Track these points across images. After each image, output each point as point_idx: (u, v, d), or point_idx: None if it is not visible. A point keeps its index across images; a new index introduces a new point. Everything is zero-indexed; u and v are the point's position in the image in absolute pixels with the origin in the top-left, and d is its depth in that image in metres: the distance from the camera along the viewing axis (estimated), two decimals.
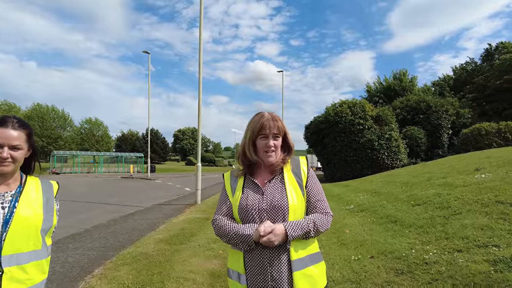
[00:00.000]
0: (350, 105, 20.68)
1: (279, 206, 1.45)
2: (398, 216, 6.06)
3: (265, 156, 1.53)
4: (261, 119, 1.54)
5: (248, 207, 1.48)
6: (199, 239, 5.98)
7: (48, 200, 1.49)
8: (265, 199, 1.48)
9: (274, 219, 1.45)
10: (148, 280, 3.93)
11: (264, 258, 1.43)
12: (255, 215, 1.46)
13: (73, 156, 44.43)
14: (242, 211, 1.49)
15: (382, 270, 3.73)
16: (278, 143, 1.54)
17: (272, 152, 1.52)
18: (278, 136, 1.54)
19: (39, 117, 53.60)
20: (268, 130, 1.51)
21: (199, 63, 12.08)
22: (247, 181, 1.58)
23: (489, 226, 4.20)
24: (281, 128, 1.54)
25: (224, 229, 1.50)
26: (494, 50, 36.43)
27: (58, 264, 4.74)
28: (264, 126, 1.52)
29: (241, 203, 1.50)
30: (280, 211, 1.45)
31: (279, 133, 1.53)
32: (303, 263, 1.43)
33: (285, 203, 1.45)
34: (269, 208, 1.46)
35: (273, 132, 1.52)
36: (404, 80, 38.17)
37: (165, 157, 73.35)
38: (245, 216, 1.48)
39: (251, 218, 1.47)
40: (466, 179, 7.32)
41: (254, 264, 1.45)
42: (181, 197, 14.02)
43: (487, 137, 19.24)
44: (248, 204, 1.49)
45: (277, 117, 1.56)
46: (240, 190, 1.56)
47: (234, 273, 1.53)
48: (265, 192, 1.50)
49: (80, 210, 10.05)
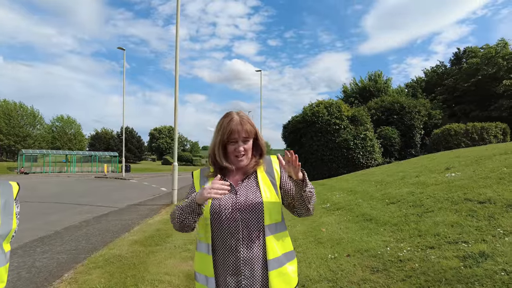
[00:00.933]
0: (326, 105, 20.98)
1: (253, 204, 1.43)
2: (373, 214, 6.18)
3: (235, 161, 1.52)
4: (230, 124, 1.48)
5: (222, 206, 1.43)
6: (175, 240, 5.87)
7: (6, 202, 1.39)
8: (239, 198, 1.45)
9: (249, 218, 1.42)
10: (122, 284, 3.80)
11: (238, 258, 1.40)
12: (228, 214, 1.42)
13: (43, 155, 42.64)
14: (215, 211, 1.44)
15: (358, 268, 3.78)
16: (248, 146, 1.52)
17: (242, 156, 1.51)
18: (247, 139, 1.52)
19: (5, 114, 51.00)
20: (237, 135, 1.48)
21: (176, 60, 11.87)
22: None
23: (458, 223, 4.35)
24: (250, 130, 1.51)
25: (174, 213, 1.48)
26: (462, 54, 38.05)
27: (24, 269, 4.51)
28: (233, 131, 1.48)
29: (213, 203, 1.45)
30: (255, 210, 1.42)
31: (248, 136, 1.51)
32: (278, 262, 1.43)
33: (259, 201, 1.44)
34: (243, 207, 1.43)
35: (242, 136, 1.49)
36: (379, 82, 39.17)
37: (141, 156, 71.75)
38: (217, 216, 1.43)
39: (224, 217, 1.42)
40: (437, 177, 7.58)
41: (226, 265, 1.41)
42: (157, 197, 13.73)
43: (456, 137, 20.05)
44: (221, 204, 1.44)
45: (245, 120, 1.51)
46: None
47: (200, 277, 1.49)
48: (239, 191, 1.48)
49: (50, 212, 9.63)
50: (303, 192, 1.43)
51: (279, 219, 1.48)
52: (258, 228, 1.43)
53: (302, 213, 1.53)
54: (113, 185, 21.35)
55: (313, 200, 1.48)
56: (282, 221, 1.52)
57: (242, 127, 1.48)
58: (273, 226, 1.45)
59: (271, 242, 1.42)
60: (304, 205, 1.48)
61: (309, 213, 1.52)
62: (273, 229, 1.45)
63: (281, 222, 1.50)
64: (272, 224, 1.45)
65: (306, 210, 1.50)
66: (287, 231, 1.55)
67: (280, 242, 1.47)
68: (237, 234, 1.41)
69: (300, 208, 1.50)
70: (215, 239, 1.45)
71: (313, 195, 1.48)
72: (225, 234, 1.42)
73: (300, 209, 1.50)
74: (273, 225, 1.45)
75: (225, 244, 1.42)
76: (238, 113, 1.53)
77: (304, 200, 1.46)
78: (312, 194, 1.47)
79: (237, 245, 1.40)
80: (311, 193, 1.46)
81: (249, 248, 1.41)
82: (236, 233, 1.41)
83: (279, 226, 1.48)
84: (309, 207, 1.48)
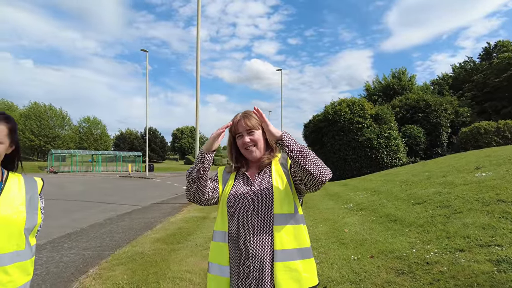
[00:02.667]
0: (349, 103, 20.61)
1: (264, 194, 1.46)
2: (398, 215, 5.99)
3: (247, 153, 1.56)
4: (234, 120, 1.59)
5: (236, 195, 1.51)
6: (196, 238, 5.91)
7: (32, 197, 1.42)
8: (252, 189, 1.51)
9: (260, 207, 1.45)
10: (144, 280, 3.84)
11: (248, 248, 1.41)
12: (241, 203, 1.48)
13: (71, 155, 44.30)
14: (231, 200, 1.51)
15: (382, 270, 3.66)
16: (256, 137, 1.55)
17: (252, 146, 1.55)
18: (252, 131, 1.55)
19: (36, 116, 53.39)
20: (241, 128, 1.55)
21: (197, 62, 11.99)
22: (238, 174, 1.62)
23: (491, 225, 4.13)
24: (254, 123, 1.55)
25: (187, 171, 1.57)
26: (493, 49, 36.40)
27: (52, 264, 4.66)
28: (236, 126, 1.57)
29: (230, 192, 1.54)
30: (265, 198, 1.45)
31: (252, 128, 1.55)
32: (287, 255, 1.39)
33: (270, 192, 1.46)
34: (254, 197, 1.47)
35: (246, 128, 1.54)
36: (403, 79, 38.12)
37: (164, 156, 73.18)
38: (232, 205, 1.50)
39: (238, 206, 1.48)
40: (466, 177, 7.26)
41: (237, 255, 1.44)
42: (179, 196, 13.93)
43: (486, 136, 19.19)
44: (236, 193, 1.52)
45: (249, 114, 1.58)
46: (232, 180, 1.60)
47: (214, 267, 1.52)
48: (254, 183, 1.53)
49: (76, 209, 9.96)
50: (290, 153, 1.37)
51: (292, 211, 1.44)
52: (268, 216, 1.43)
53: (309, 181, 1.36)
54: (137, 184, 21.87)
55: (310, 160, 1.34)
56: (296, 213, 1.46)
57: (245, 120, 1.55)
58: (283, 216, 1.42)
59: (279, 232, 1.40)
60: (302, 170, 1.35)
61: (313, 177, 1.34)
62: (283, 219, 1.42)
63: (295, 214, 1.45)
64: (283, 214, 1.42)
65: (308, 174, 1.34)
66: (303, 226, 1.47)
67: (292, 235, 1.42)
68: (248, 224, 1.44)
69: (303, 175, 1.36)
70: (230, 227, 1.50)
71: (305, 154, 1.35)
72: (237, 223, 1.47)
73: (304, 177, 1.36)
74: (284, 215, 1.43)
75: (238, 233, 1.46)
76: (245, 111, 1.62)
77: (298, 163, 1.35)
78: (304, 153, 1.36)
79: (248, 234, 1.42)
80: (301, 153, 1.36)
81: (258, 238, 1.41)
82: (247, 223, 1.44)
83: (292, 218, 1.44)
84: (307, 168, 1.33)
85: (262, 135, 1.57)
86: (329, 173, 1.38)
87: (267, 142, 1.59)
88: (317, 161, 1.36)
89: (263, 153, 1.58)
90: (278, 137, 1.40)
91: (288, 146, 1.38)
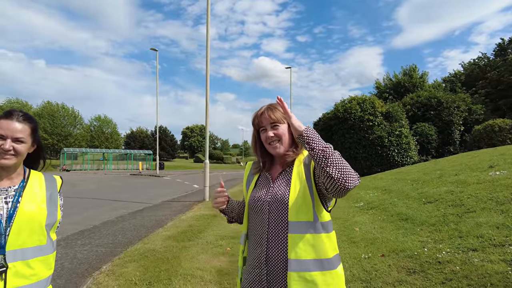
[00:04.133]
0: (359, 101, 20.42)
1: (279, 199, 1.39)
2: (409, 214, 5.93)
3: (270, 148, 1.47)
4: (257, 113, 1.51)
5: (255, 198, 1.47)
6: (207, 236, 5.96)
7: (52, 195, 1.47)
8: (270, 192, 1.44)
9: (274, 212, 1.39)
10: (156, 277, 3.90)
11: (262, 252, 1.38)
12: (259, 205, 1.44)
13: (83, 154, 44.97)
14: (250, 202, 1.49)
15: (393, 269, 3.64)
16: (281, 132, 1.44)
17: (275, 142, 1.44)
18: (276, 125, 1.45)
19: (49, 115, 54.34)
20: (264, 121, 1.47)
21: (207, 60, 12.04)
22: (262, 175, 1.56)
23: (505, 224, 4.06)
24: (279, 116, 1.45)
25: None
26: (508, 45, 35.58)
27: (67, 260, 4.76)
28: (260, 119, 1.48)
29: (251, 195, 1.50)
30: (280, 203, 1.38)
31: (276, 121, 1.44)
32: (301, 265, 1.29)
33: (285, 197, 1.37)
34: (271, 201, 1.41)
35: (269, 122, 1.45)
36: (414, 76, 37.57)
37: (174, 154, 73.75)
38: (252, 207, 1.48)
39: (256, 209, 1.45)
40: (479, 176, 7.14)
41: (252, 258, 1.43)
42: (190, 194, 14.05)
43: (500, 133, 18.81)
44: (255, 195, 1.48)
45: (275, 106, 1.47)
46: (253, 183, 1.55)
47: (239, 269, 1.55)
48: (273, 185, 1.46)
49: (89, 207, 10.13)
50: (311, 152, 1.23)
51: (310, 219, 1.32)
52: (282, 223, 1.36)
53: (330, 186, 1.21)
54: (147, 182, 22.11)
55: (332, 162, 1.18)
56: (316, 222, 1.33)
57: (269, 113, 1.45)
58: (299, 224, 1.32)
59: (294, 241, 1.31)
60: (323, 172, 1.20)
61: (335, 182, 1.18)
62: (299, 227, 1.32)
63: (314, 223, 1.33)
64: (299, 222, 1.32)
65: (329, 178, 1.18)
66: (324, 236, 1.34)
67: (309, 245, 1.31)
68: (262, 228, 1.40)
69: (325, 179, 1.21)
70: (249, 230, 1.49)
71: (328, 155, 1.20)
72: (255, 225, 1.44)
73: (326, 180, 1.21)
74: (300, 223, 1.32)
75: (254, 237, 1.44)
76: (270, 104, 1.52)
77: (319, 164, 1.20)
78: (326, 153, 1.20)
79: (262, 239, 1.39)
80: (323, 152, 1.20)
81: (272, 244, 1.37)
82: (262, 226, 1.41)
83: (310, 227, 1.32)
84: (328, 171, 1.18)
85: (288, 129, 1.45)
86: (355, 179, 1.20)
87: (292, 137, 1.46)
88: (342, 164, 1.19)
89: (288, 149, 1.45)
90: (299, 132, 1.28)
91: (309, 143, 1.24)
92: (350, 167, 1.21)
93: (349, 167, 1.21)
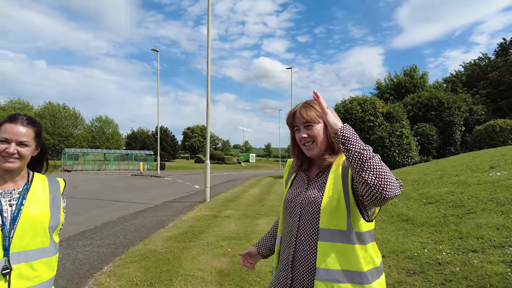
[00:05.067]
0: (360, 101, 20.45)
1: (312, 202, 1.31)
2: (409, 214, 5.94)
3: (304, 150, 1.38)
4: (291, 111, 1.41)
5: (289, 199, 1.42)
6: (208, 237, 5.97)
7: (55, 197, 1.49)
8: (303, 194, 1.37)
9: (306, 216, 1.32)
10: (157, 278, 3.92)
11: (289, 255, 1.34)
12: (292, 207, 1.39)
13: (84, 154, 45.03)
14: (285, 203, 1.44)
15: (393, 270, 3.65)
16: (315, 132, 1.34)
17: (310, 143, 1.34)
18: (310, 124, 1.34)
19: (51, 116, 54.45)
20: (298, 121, 1.37)
21: (208, 60, 12.06)
22: (298, 174, 1.49)
23: (505, 225, 4.07)
24: (314, 116, 1.33)
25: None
26: (509, 45, 35.56)
27: (68, 261, 4.78)
28: (294, 118, 1.39)
29: (286, 196, 1.46)
30: (312, 208, 1.30)
31: (310, 121, 1.33)
32: (330, 276, 1.20)
33: (318, 200, 1.28)
34: (304, 203, 1.34)
35: (302, 121, 1.35)
36: (415, 77, 37.56)
37: (175, 154, 73.79)
38: (285, 208, 1.44)
39: (289, 210, 1.41)
40: (480, 177, 7.15)
41: (282, 259, 1.40)
42: (191, 195, 14.06)
43: (501, 134, 18.80)
44: (289, 197, 1.43)
45: (309, 104, 1.37)
46: (290, 182, 1.51)
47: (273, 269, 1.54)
48: (309, 186, 1.38)
49: (90, 207, 10.16)
50: (346, 153, 1.12)
51: (343, 227, 1.22)
52: (312, 229, 1.28)
53: (366, 193, 1.10)
54: (148, 182, 22.13)
55: (369, 167, 1.07)
56: (350, 231, 1.23)
57: (302, 111, 1.35)
58: (331, 232, 1.23)
59: (324, 249, 1.22)
60: (358, 177, 1.09)
61: (371, 189, 1.07)
62: (330, 235, 1.23)
63: (348, 232, 1.22)
64: (331, 230, 1.23)
65: (364, 185, 1.08)
66: (358, 247, 1.23)
67: (341, 255, 1.22)
68: (293, 230, 1.35)
69: (360, 185, 1.11)
70: (283, 231, 1.45)
71: (365, 158, 1.09)
72: (287, 227, 1.40)
73: (361, 186, 1.10)
74: (332, 231, 1.23)
75: (286, 239, 1.40)
76: (305, 101, 1.41)
77: (354, 167, 1.10)
78: (363, 156, 1.09)
79: (291, 241, 1.34)
80: (359, 155, 1.09)
81: (300, 247, 1.31)
82: (293, 228, 1.35)
83: (343, 236, 1.22)
84: (364, 176, 1.07)
85: (324, 129, 1.35)
86: (396, 188, 1.07)
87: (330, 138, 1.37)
88: (381, 170, 1.07)
89: (324, 151, 1.35)
90: (335, 131, 1.16)
91: (344, 144, 1.13)
92: (391, 173, 1.09)
93: (389, 173, 1.08)
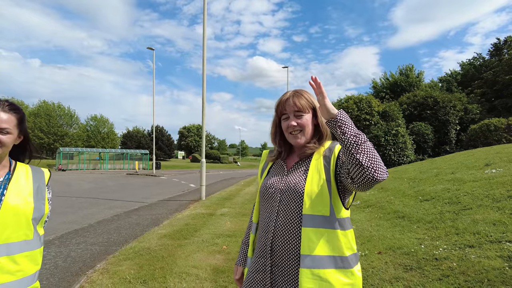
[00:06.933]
0: (356, 100, 20.50)
1: (293, 188, 1.31)
2: (405, 211, 5.92)
3: (290, 138, 1.39)
4: (282, 98, 1.41)
5: (267, 185, 1.41)
6: (203, 234, 5.91)
7: (39, 187, 1.42)
8: (284, 180, 1.37)
9: (286, 203, 1.31)
10: (150, 275, 3.86)
11: (268, 241, 1.31)
12: (270, 193, 1.37)
13: (79, 153, 44.69)
14: (262, 190, 1.43)
15: (390, 266, 3.62)
16: (304, 122, 1.36)
17: (297, 132, 1.36)
18: (300, 114, 1.36)
19: (46, 114, 53.98)
20: (288, 108, 1.37)
21: (203, 59, 11.97)
22: (276, 163, 1.50)
23: (501, 221, 4.06)
24: (304, 105, 1.35)
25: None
26: (503, 45, 35.80)
27: (60, 259, 4.70)
28: (284, 106, 1.39)
29: (263, 183, 1.45)
30: (294, 193, 1.30)
31: (301, 110, 1.35)
32: (315, 262, 1.21)
33: (300, 185, 1.29)
34: (284, 189, 1.33)
35: (293, 110, 1.36)
36: (410, 76, 37.73)
37: (170, 154, 73.53)
38: (262, 195, 1.42)
39: (267, 197, 1.39)
40: (476, 174, 7.15)
41: (259, 247, 1.37)
42: (186, 193, 13.98)
43: (496, 132, 18.92)
44: (267, 183, 1.42)
45: (300, 93, 1.39)
46: (266, 171, 1.50)
47: (248, 259, 1.50)
48: (288, 174, 1.39)
49: (84, 206, 10.05)
50: (342, 136, 1.17)
51: (326, 213, 1.25)
52: (295, 215, 1.28)
53: (358, 175, 1.13)
54: (144, 181, 21.99)
55: (364, 150, 1.13)
56: (332, 217, 1.25)
57: (294, 99, 1.37)
58: (314, 218, 1.25)
59: (308, 235, 1.23)
60: (352, 159, 1.13)
61: (364, 170, 1.11)
62: (313, 221, 1.24)
63: (330, 217, 1.25)
64: (314, 216, 1.25)
65: (358, 166, 1.12)
66: (340, 232, 1.26)
67: (324, 240, 1.23)
68: (271, 216, 1.34)
69: (352, 167, 1.14)
70: (259, 219, 1.44)
71: (360, 141, 1.14)
72: (264, 214, 1.39)
73: (353, 168, 1.14)
74: (315, 216, 1.25)
75: (263, 226, 1.38)
76: (296, 90, 1.42)
77: (349, 150, 1.14)
78: (359, 140, 1.15)
79: (269, 227, 1.33)
80: (355, 138, 1.15)
81: (279, 234, 1.29)
82: (271, 215, 1.34)
83: (326, 222, 1.25)
84: (359, 158, 1.12)
85: (311, 119, 1.39)
86: (384, 172, 1.13)
87: (315, 128, 1.41)
88: (373, 154, 1.14)
89: (309, 140, 1.38)
90: (332, 115, 1.20)
91: (341, 127, 1.18)
92: (380, 159, 1.15)
93: (379, 159, 1.15)
